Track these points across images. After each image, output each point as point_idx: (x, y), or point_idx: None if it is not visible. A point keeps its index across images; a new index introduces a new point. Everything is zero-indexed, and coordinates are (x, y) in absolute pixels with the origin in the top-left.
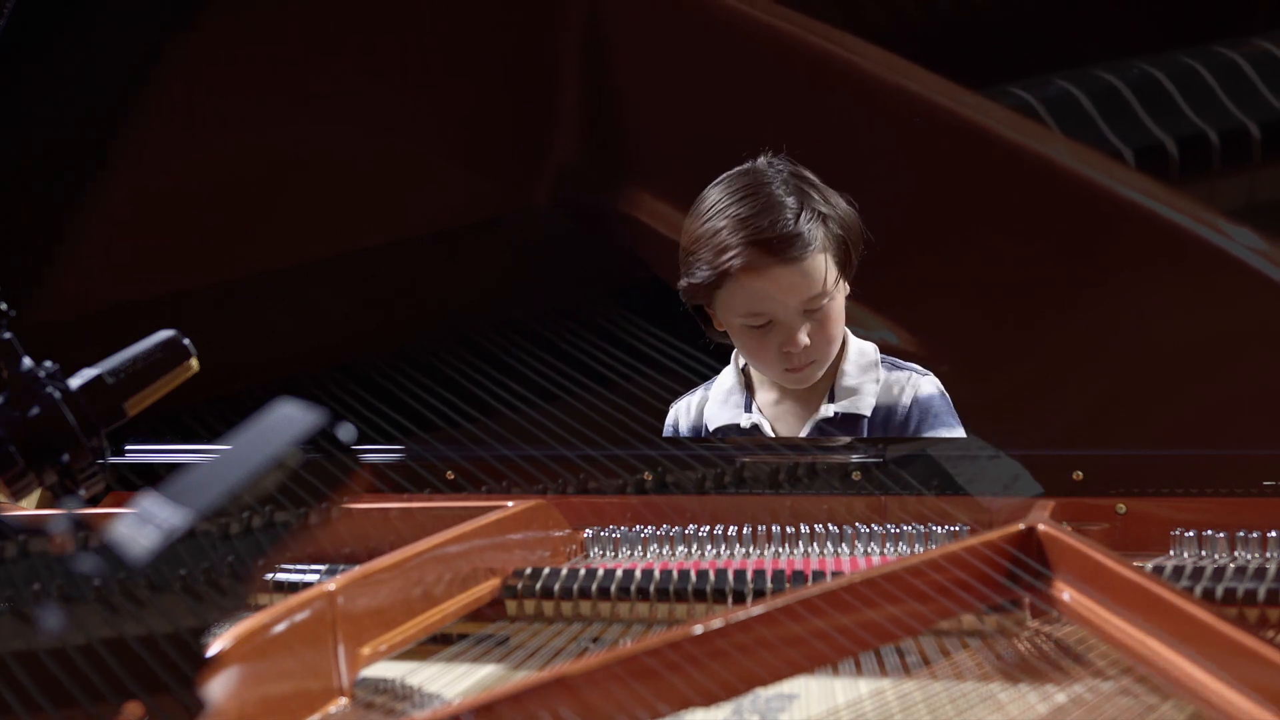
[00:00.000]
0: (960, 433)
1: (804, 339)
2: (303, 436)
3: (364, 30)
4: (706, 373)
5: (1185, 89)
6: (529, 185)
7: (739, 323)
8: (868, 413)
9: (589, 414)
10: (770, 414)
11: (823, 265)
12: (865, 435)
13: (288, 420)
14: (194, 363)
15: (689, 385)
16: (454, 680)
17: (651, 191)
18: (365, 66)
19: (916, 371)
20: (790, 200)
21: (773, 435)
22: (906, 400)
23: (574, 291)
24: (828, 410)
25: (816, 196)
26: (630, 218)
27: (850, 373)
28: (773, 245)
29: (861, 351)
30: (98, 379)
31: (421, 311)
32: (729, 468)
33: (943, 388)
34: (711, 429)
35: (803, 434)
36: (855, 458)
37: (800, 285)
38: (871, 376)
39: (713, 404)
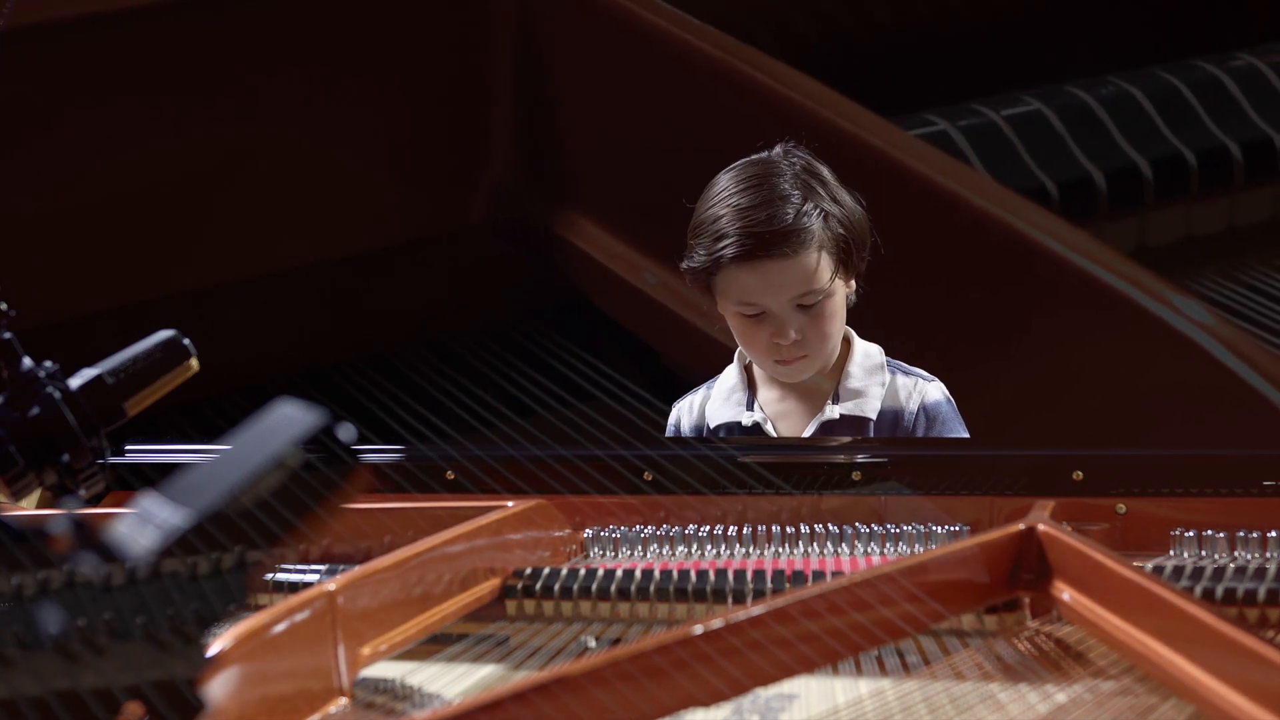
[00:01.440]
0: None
1: (793, 334)
2: (303, 436)
3: (299, 48)
4: (628, 399)
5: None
6: (463, 204)
7: (733, 309)
8: (873, 415)
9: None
10: (772, 412)
11: (818, 262)
12: (870, 438)
13: (288, 420)
14: (194, 363)
15: (610, 412)
16: (454, 680)
17: (587, 214)
18: (299, 83)
19: (923, 377)
20: (794, 195)
21: (774, 434)
22: (914, 406)
23: (503, 313)
24: (833, 411)
25: (822, 193)
26: (565, 241)
27: (855, 374)
28: (767, 239)
29: (867, 353)
30: (98, 379)
31: (339, 332)
32: (731, 467)
33: (949, 395)
34: (712, 426)
35: (806, 434)
36: (860, 458)
37: (793, 281)
38: (878, 379)
39: (714, 401)
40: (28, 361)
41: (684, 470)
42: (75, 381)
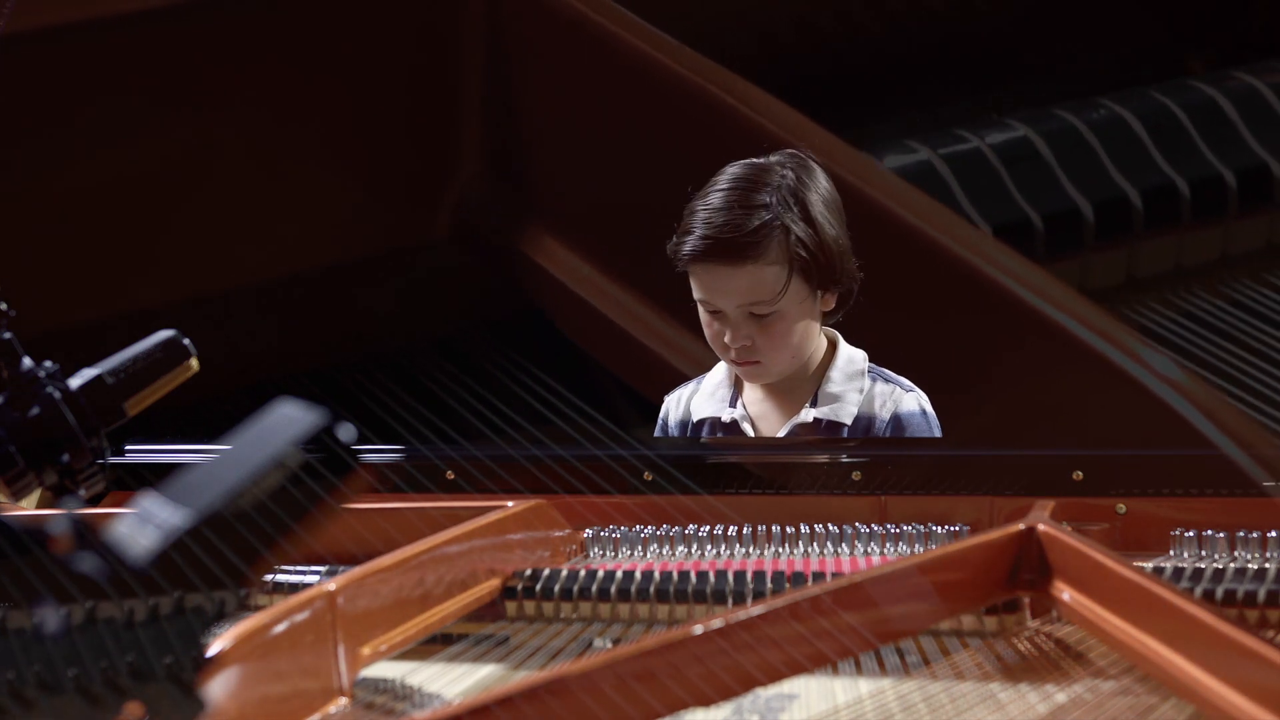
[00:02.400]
0: None
1: (742, 339)
2: (302, 436)
3: (266, 58)
4: (576, 419)
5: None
6: (430, 218)
7: (698, 301)
8: (848, 421)
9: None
10: (754, 411)
11: (772, 277)
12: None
13: (287, 420)
14: (194, 363)
15: (556, 433)
16: (454, 681)
17: (552, 231)
18: (263, 94)
19: (902, 386)
20: (764, 206)
21: (751, 432)
22: (886, 414)
23: (460, 326)
24: (807, 414)
25: (796, 210)
26: (528, 258)
27: (835, 379)
28: (721, 244)
29: (850, 359)
30: (98, 379)
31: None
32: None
33: (928, 407)
34: (695, 421)
35: (780, 435)
36: (842, 458)
37: (741, 289)
38: (856, 385)
39: (700, 396)
40: (28, 361)
41: (684, 470)
42: (75, 381)
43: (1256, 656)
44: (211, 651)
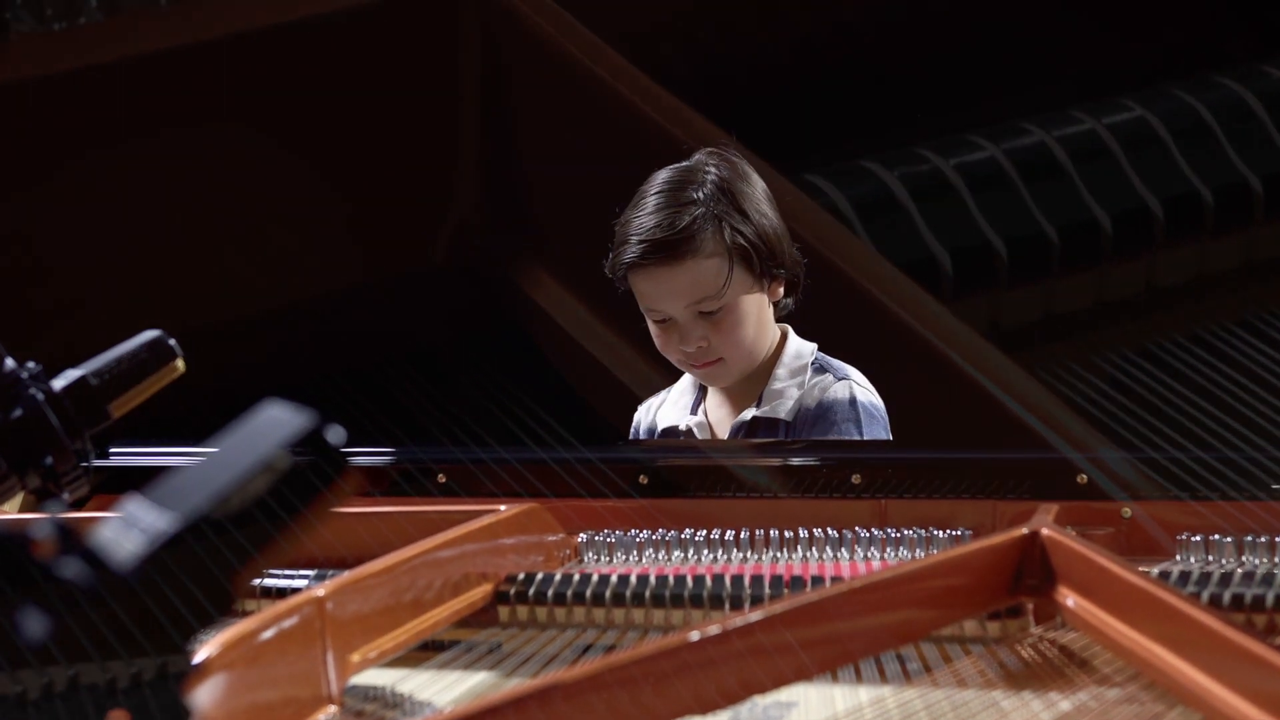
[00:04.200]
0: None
1: (698, 341)
2: (291, 439)
3: (269, 90)
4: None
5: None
6: (427, 249)
7: (647, 315)
8: (786, 417)
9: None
10: (714, 417)
11: (714, 270)
12: (781, 438)
13: (275, 422)
14: (180, 363)
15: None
16: (445, 688)
17: (546, 268)
18: (270, 126)
19: (836, 374)
20: (695, 203)
21: (706, 438)
22: (812, 403)
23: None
24: (748, 414)
25: (727, 203)
26: (523, 293)
27: (780, 376)
28: (659, 245)
29: (798, 354)
30: (81, 380)
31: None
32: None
33: (861, 396)
34: (660, 429)
35: (724, 437)
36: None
37: (686, 287)
38: (798, 380)
39: (667, 405)
40: (10, 362)
41: (680, 473)
42: (59, 383)
43: (1265, 663)
44: (198, 658)
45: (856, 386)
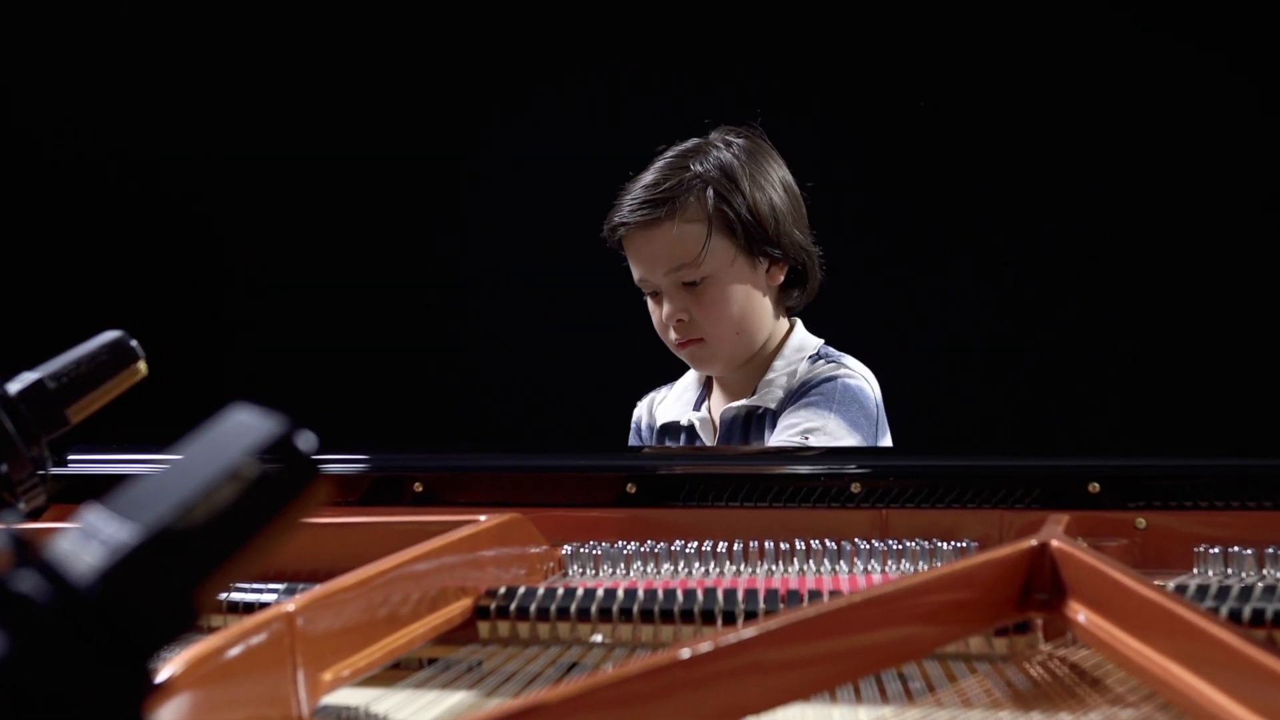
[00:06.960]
0: (828, 424)
1: (679, 313)
2: (259, 445)
3: None
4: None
5: None
6: None
7: (640, 286)
8: (772, 406)
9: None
10: (716, 413)
11: (692, 235)
12: (771, 429)
13: (243, 428)
14: (142, 365)
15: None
16: (422, 709)
17: None
18: None
19: (838, 363)
20: (692, 172)
21: (712, 435)
22: (796, 384)
23: None
24: (735, 404)
25: (722, 176)
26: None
27: (777, 368)
28: (638, 208)
29: (799, 347)
30: (38, 384)
31: None
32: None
33: (852, 382)
34: (660, 424)
35: (717, 427)
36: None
37: (662, 251)
38: (790, 370)
39: (668, 400)
40: None
41: (670, 481)
42: (13, 386)
43: None
44: (161, 677)
45: (845, 370)
